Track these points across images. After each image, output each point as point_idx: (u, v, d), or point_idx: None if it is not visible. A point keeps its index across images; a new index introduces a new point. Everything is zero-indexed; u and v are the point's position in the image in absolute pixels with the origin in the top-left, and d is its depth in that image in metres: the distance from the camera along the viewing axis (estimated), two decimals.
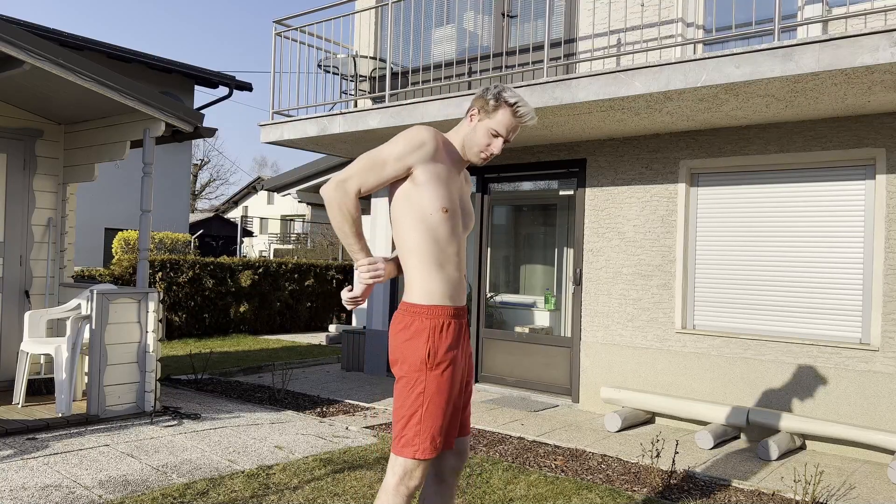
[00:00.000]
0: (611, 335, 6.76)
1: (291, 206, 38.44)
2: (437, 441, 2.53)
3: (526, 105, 2.58)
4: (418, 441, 2.51)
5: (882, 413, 5.32)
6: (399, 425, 2.54)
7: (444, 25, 7.93)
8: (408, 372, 2.54)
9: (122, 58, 13.70)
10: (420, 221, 2.53)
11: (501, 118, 2.57)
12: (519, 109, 2.56)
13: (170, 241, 13.57)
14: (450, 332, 2.56)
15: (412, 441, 2.51)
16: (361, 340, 8.79)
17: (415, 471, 2.53)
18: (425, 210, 2.52)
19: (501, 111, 2.57)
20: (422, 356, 2.51)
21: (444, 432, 2.55)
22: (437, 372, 2.52)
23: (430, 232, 2.53)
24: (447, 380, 2.53)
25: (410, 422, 2.52)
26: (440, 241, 2.55)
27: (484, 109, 2.60)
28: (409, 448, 2.52)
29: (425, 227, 2.53)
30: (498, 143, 2.60)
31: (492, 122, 2.58)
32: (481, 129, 2.60)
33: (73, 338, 5.62)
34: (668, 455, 5.30)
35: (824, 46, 4.44)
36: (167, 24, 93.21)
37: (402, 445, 2.52)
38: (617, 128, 6.36)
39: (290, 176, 12.64)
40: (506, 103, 2.56)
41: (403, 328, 2.56)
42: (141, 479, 4.26)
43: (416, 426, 2.51)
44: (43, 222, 6.66)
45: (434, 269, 2.55)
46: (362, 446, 5.20)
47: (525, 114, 2.58)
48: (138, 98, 5.67)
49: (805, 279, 5.83)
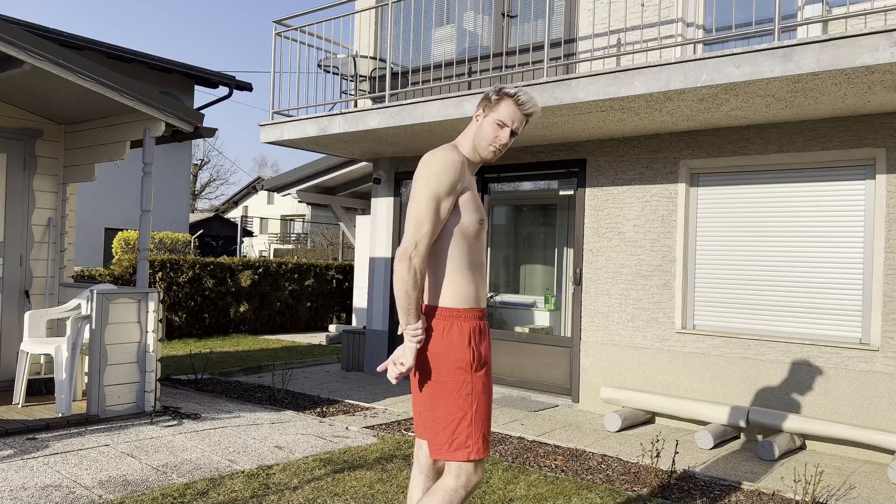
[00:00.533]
0: (611, 335, 6.76)
1: (291, 206, 38.44)
2: (488, 440, 2.60)
3: (526, 93, 2.63)
4: (471, 442, 2.53)
5: (882, 413, 5.32)
6: (448, 429, 2.54)
7: (444, 25, 7.93)
8: (449, 374, 2.55)
9: (122, 58, 13.70)
10: (458, 232, 2.57)
11: (504, 108, 2.62)
12: (520, 97, 2.61)
13: (170, 241, 13.58)
14: (485, 332, 2.66)
15: (465, 443, 2.53)
16: (361, 340, 8.79)
17: (474, 473, 2.56)
18: (464, 223, 2.58)
19: (504, 103, 2.63)
20: (466, 358, 2.54)
21: (489, 431, 2.63)
22: (481, 372, 2.58)
23: (465, 240, 2.59)
24: (490, 379, 2.64)
25: (461, 424, 2.53)
26: (472, 248, 2.62)
27: (487, 107, 2.66)
28: (463, 450, 2.53)
29: (462, 236, 2.58)
30: (505, 134, 2.63)
31: (496, 114, 2.63)
32: (487, 123, 2.64)
33: (73, 338, 5.62)
34: (668, 455, 5.30)
35: (824, 46, 4.44)
36: (167, 24, 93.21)
37: (455, 448, 2.53)
38: (617, 128, 6.36)
39: (290, 176, 12.63)
40: (507, 95, 2.62)
41: (441, 332, 2.57)
42: (141, 479, 4.26)
43: (467, 428, 2.53)
44: (43, 222, 6.66)
45: (469, 274, 2.61)
46: (362, 446, 5.20)
47: (526, 101, 2.62)
48: (138, 98, 5.67)
49: (805, 279, 5.83)
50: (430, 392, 2.58)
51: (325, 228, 28.71)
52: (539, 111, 2.67)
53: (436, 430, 2.57)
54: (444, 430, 2.55)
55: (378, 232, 8.74)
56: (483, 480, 4.50)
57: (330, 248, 24.61)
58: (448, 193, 2.51)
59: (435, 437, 2.57)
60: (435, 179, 2.50)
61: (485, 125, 2.64)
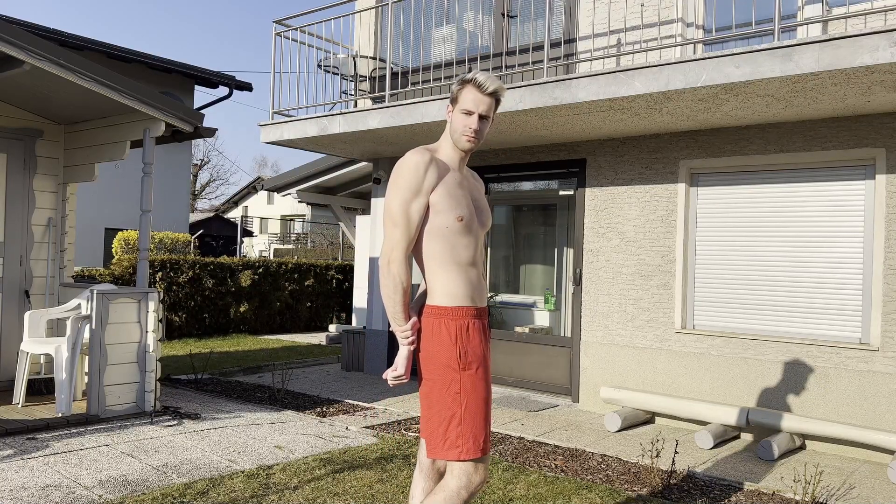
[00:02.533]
0: (611, 335, 6.76)
1: (291, 206, 38.45)
2: (480, 440, 2.56)
3: (484, 74, 2.67)
4: (461, 442, 2.53)
5: (882, 413, 5.32)
6: (441, 427, 2.55)
7: (444, 25, 7.93)
8: (438, 373, 2.56)
9: (122, 58, 13.70)
10: (437, 231, 2.60)
11: (466, 96, 2.67)
12: (478, 79, 2.65)
13: (170, 241, 13.58)
14: (475, 331, 2.62)
15: (456, 442, 2.53)
16: (361, 340, 8.79)
17: (474, 473, 2.56)
18: (440, 222, 2.60)
19: (465, 91, 2.68)
20: (452, 356, 2.55)
21: (484, 432, 2.58)
22: (470, 371, 2.57)
23: (447, 238, 2.60)
24: (481, 378, 2.60)
25: (452, 423, 2.53)
26: (458, 245, 2.62)
27: (453, 101, 2.72)
28: (455, 450, 2.53)
29: (441, 235, 2.60)
30: (473, 120, 2.66)
31: (461, 105, 2.68)
32: (456, 116, 2.70)
33: (73, 338, 5.62)
34: (668, 455, 5.30)
35: (824, 46, 4.44)
36: (167, 24, 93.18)
37: (448, 448, 2.53)
38: (617, 128, 6.36)
39: (290, 176, 12.63)
40: (465, 82, 2.68)
41: (430, 330, 2.60)
42: (141, 479, 4.26)
43: (457, 427, 2.53)
44: (43, 222, 6.66)
45: (454, 271, 2.61)
46: (362, 446, 5.20)
47: (483, 81, 2.65)
48: (138, 98, 5.67)
49: (805, 279, 5.83)
50: (425, 391, 2.61)
51: (325, 228, 28.72)
52: (501, 88, 2.68)
53: (431, 429, 2.58)
54: (437, 429, 2.56)
55: (378, 232, 8.75)
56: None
57: (330, 248, 24.61)
58: (414, 194, 2.56)
59: (430, 436, 2.58)
60: (400, 183, 2.58)
61: (454, 118, 2.70)
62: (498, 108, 2.81)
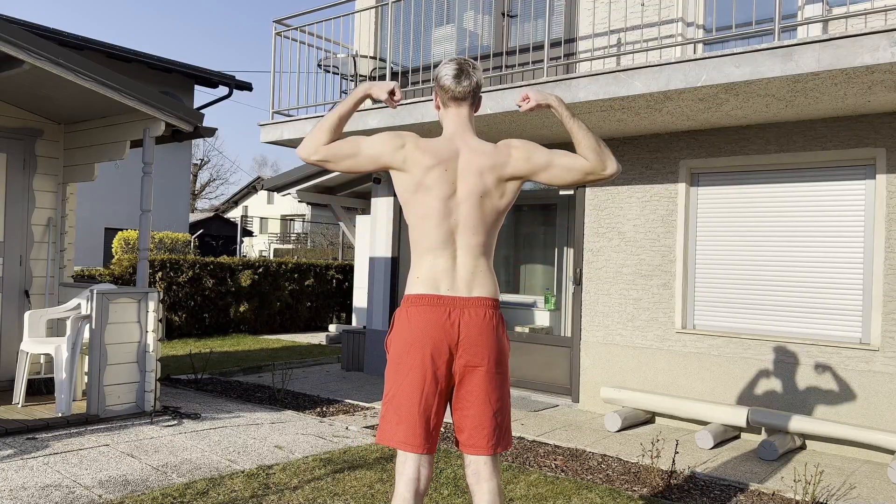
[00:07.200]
0: (611, 335, 6.76)
1: (291, 206, 38.44)
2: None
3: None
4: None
5: (882, 413, 5.31)
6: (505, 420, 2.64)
7: (444, 25, 7.93)
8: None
9: (122, 58, 13.70)
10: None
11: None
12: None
13: (170, 240, 13.58)
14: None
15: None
16: (361, 340, 8.78)
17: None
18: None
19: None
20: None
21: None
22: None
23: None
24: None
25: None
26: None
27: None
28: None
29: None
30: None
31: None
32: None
33: (72, 337, 5.62)
34: (668, 455, 5.30)
35: (824, 46, 4.44)
36: (167, 24, 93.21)
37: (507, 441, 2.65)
38: (617, 128, 6.36)
39: (290, 176, 12.61)
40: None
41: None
42: (141, 479, 4.26)
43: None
44: (43, 222, 6.66)
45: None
46: (362, 446, 5.20)
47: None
48: (138, 98, 5.67)
49: (805, 279, 5.83)
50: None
51: (325, 228, 28.73)
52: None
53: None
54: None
55: (378, 232, 8.74)
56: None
57: (330, 248, 24.62)
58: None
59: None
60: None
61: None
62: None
